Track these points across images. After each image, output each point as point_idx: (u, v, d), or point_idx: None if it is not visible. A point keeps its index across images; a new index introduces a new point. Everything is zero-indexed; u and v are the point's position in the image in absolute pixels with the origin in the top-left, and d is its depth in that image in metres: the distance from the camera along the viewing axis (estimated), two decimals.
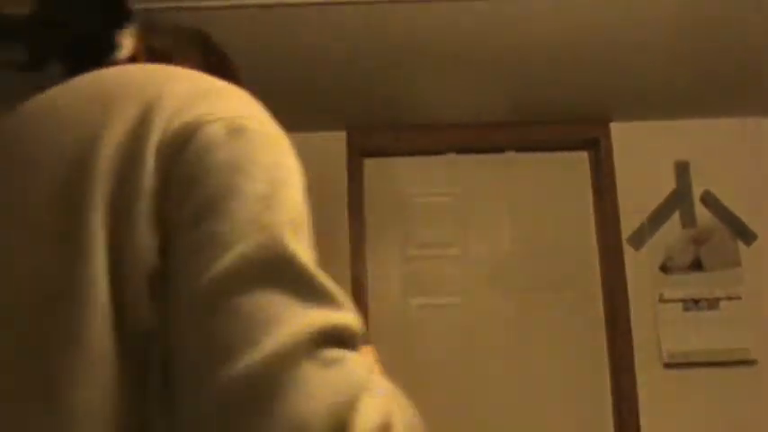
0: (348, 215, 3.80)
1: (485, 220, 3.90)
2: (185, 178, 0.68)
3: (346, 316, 0.68)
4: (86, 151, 0.69)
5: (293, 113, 3.65)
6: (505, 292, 3.83)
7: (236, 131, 0.71)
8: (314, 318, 0.64)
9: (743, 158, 3.84)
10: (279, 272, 0.65)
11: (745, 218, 3.78)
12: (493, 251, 3.87)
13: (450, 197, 3.93)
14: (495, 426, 3.69)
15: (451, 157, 3.95)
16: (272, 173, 0.72)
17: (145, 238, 0.66)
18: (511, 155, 3.95)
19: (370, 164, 3.94)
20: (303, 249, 0.70)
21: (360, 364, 0.66)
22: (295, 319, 0.63)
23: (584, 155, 3.96)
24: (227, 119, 0.72)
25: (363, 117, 3.75)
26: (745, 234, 3.77)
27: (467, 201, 3.92)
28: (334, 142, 3.87)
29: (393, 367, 3.69)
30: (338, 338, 0.66)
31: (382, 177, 3.93)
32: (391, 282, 3.84)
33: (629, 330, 3.70)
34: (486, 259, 3.86)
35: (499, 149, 3.94)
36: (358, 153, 3.88)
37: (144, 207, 0.67)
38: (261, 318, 0.61)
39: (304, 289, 0.66)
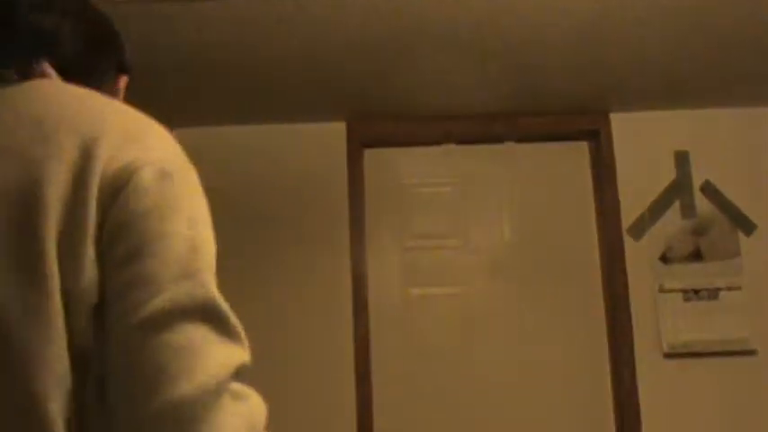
0: (348, 205, 3.81)
1: (485, 210, 3.91)
2: (118, 222, 0.76)
3: (246, 353, 0.82)
4: (34, 187, 0.75)
5: (294, 104, 3.68)
6: (505, 283, 3.83)
7: (162, 177, 0.81)
8: (230, 355, 0.78)
9: (743, 148, 3.85)
10: (204, 314, 0.77)
11: (744, 208, 3.79)
12: (493, 241, 3.88)
13: (450, 187, 3.93)
14: (495, 415, 3.70)
15: (451, 147, 3.96)
16: (193, 215, 0.83)
17: (89, 275, 0.75)
18: (510, 145, 3.96)
19: (370, 154, 3.94)
20: (218, 291, 0.82)
21: (259, 400, 0.82)
22: (216, 356, 0.76)
23: (584, 145, 3.97)
24: (156, 164, 0.81)
25: (363, 108, 3.76)
26: (744, 224, 3.77)
27: (467, 191, 3.92)
28: (335, 133, 3.88)
29: (393, 357, 3.73)
30: (241, 373, 0.80)
31: (382, 168, 3.94)
32: (391, 271, 3.85)
33: (630, 320, 3.71)
34: (485, 249, 3.87)
35: (499, 140, 3.95)
36: (358, 144, 3.88)
37: (89, 248, 0.75)
38: (189, 353, 0.73)
39: (223, 329, 0.79)
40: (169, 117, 3.68)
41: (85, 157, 0.77)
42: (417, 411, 3.71)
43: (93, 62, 1.05)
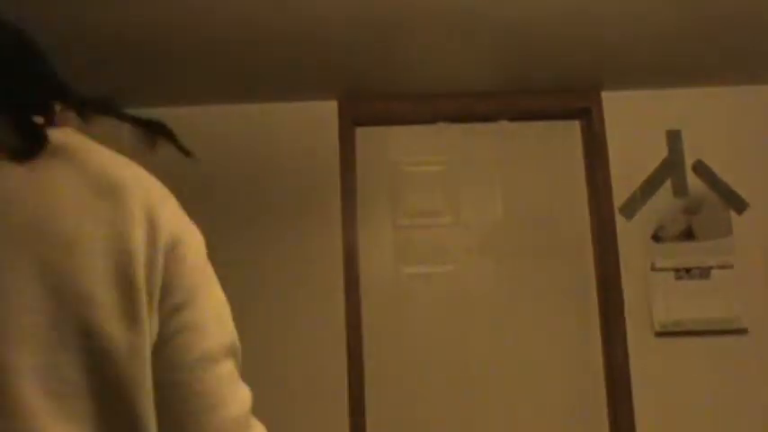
0: (340, 184, 3.80)
1: (476, 188, 3.90)
2: (169, 280, 0.94)
3: None
4: (125, 249, 0.90)
5: (285, 83, 3.67)
6: (497, 261, 3.83)
7: (193, 241, 0.99)
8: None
9: (735, 127, 3.85)
10: (233, 352, 1.00)
11: (736, 187, 3.79)
12: (484, 220, 3.88)
13: (442, 166, 3.93)
14: (486, 394, 3.71)
15: (443, 125, 3.95)
16: (212, 270, 1.03)
17: (155, 320, 0.92)
18: (502, 124, 3.95)
19: (361, 133, 3.93)
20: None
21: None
22: (243, 386, 1.00)
23: (576, 124, 3.96)
24: (187, 231, 0.99)
25: (355, 86, 3.75)
26: (736, 203, 3.77)
27: (458, 169, 3.92)
28: (326, 112, 3.86)
29: (384, 336, 3.73)
30: None
31: (374, 146, 3.93)
32: (383, 250, 3.85)
33: (621, 299, 3.71)
34: (477, 228, 3.87)
35: (491, 118, 3.94)
36: (350, 122, 3.87)
37: (158, 298, 0.93)
38: (232, 382, 0.97)
39: (239, 364, 1.02)
40: (157, 96, 3.67)
41: (153, 226, 0.94)
42: (409, 389, 3.72)
43: None
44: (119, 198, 0.92)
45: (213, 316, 0.98)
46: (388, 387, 3.71)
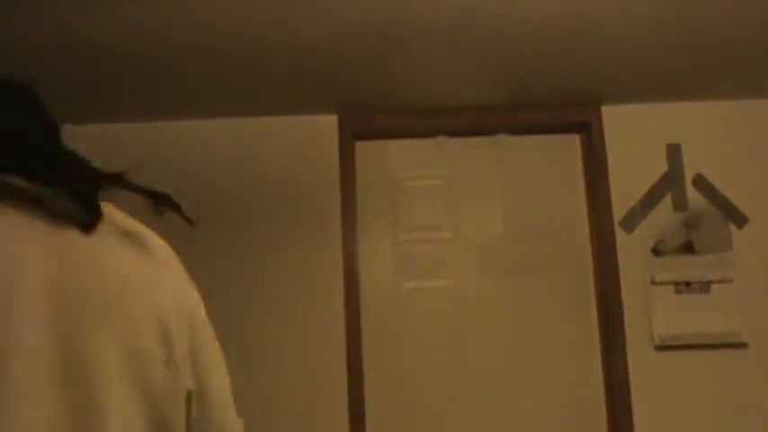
0: (340, 198, 3.80)
1: (476, 202, 3.90)
2: (193, 339, 1.07)
3: None
4: (160, 302, 1.03)
5: (284, 97, 3.67)
6: (497, 275, 3.83)
7: (198, 299, 1.12)
8: None
9: (735, 141, 3.85)
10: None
11: (736, 201, 3.78)
12: (484, 234, 3.87)
13: (441, 180, 3.93)
14: (486, 408, 3.70)
15: (443, 139, 3.94)
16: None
17: (189, 370, 1.06)
18: (502, 138, 3.94)
19: (361, 147, 3.93)
20: None
21: None
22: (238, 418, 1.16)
23: (576, 138, 3.96)
24: (195, 292, 1.12)
25: (355, 100, 3.75)
26: (736, 217, 3.77)
27: (458, 183, 3.92)
28: (326, 125, 3.86)
29: (385, 350, 3.71)
30: None
31: (374, 160, 3.93)
32: (383, 265, 3.84)
33: (621, 313, 3.71)
34: (477, 242, 3.86)
35: (491, 132, 3.94)
36: (350, 136, 3.88)
37: (187, 354, 1.06)
38: (237, 418, 1.15)
39: None
40: (156, 110, 3.68)
41: (177, 288, 1.08)
42: (410, 403, 3.71)
43: None
44: (153, 259, 1.06)
45: (220, 366, 1.14)
46: (389, 400, 3.70)
